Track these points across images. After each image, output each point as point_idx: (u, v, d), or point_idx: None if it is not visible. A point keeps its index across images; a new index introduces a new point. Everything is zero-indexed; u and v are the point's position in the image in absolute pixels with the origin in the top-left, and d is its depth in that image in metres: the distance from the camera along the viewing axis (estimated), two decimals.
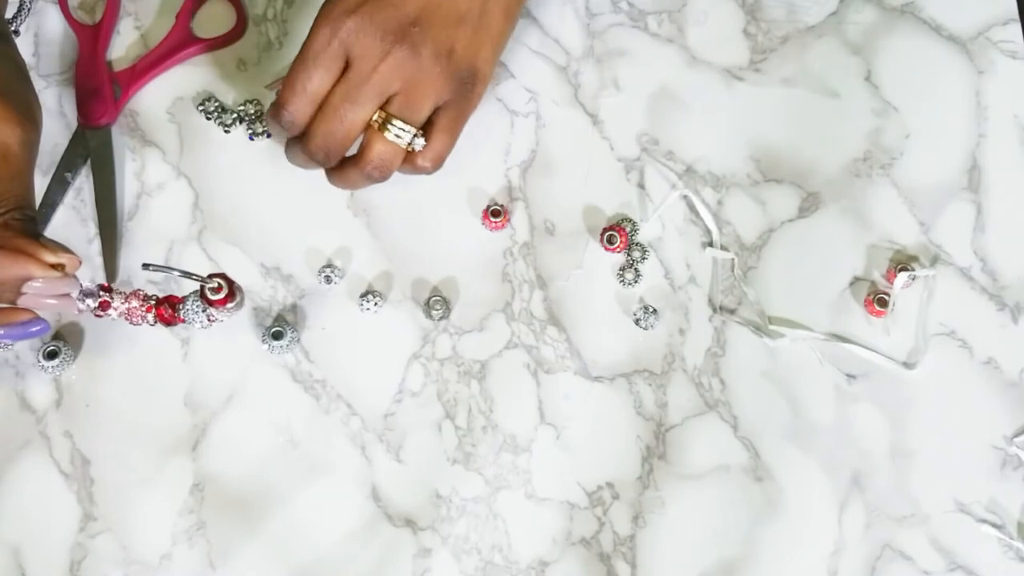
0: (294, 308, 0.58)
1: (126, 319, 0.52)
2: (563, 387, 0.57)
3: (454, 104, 0.56)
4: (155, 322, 0.53)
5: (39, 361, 0.56)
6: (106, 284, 0.52)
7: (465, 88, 0.56)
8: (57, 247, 0.50)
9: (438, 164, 0.57)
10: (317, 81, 0.53)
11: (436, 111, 0.56)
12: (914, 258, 0.59)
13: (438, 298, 0.58)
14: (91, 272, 0.59)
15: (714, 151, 0.61)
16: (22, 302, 0.50)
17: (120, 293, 0.52)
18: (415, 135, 0.55)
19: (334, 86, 0.54)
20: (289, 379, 0.57)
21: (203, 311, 0.53)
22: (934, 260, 0.59)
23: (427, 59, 0.54)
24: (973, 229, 0.59)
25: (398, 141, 0.55)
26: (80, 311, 0.52)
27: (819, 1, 0.64)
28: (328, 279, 0.59)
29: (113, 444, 0.56)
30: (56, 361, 0.56)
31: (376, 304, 0.58)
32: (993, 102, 0.61)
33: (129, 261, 0.59)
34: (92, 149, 0.61)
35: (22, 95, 0.53)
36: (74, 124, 0.61)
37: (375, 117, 0.54)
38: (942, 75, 0.62)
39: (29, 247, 0.49)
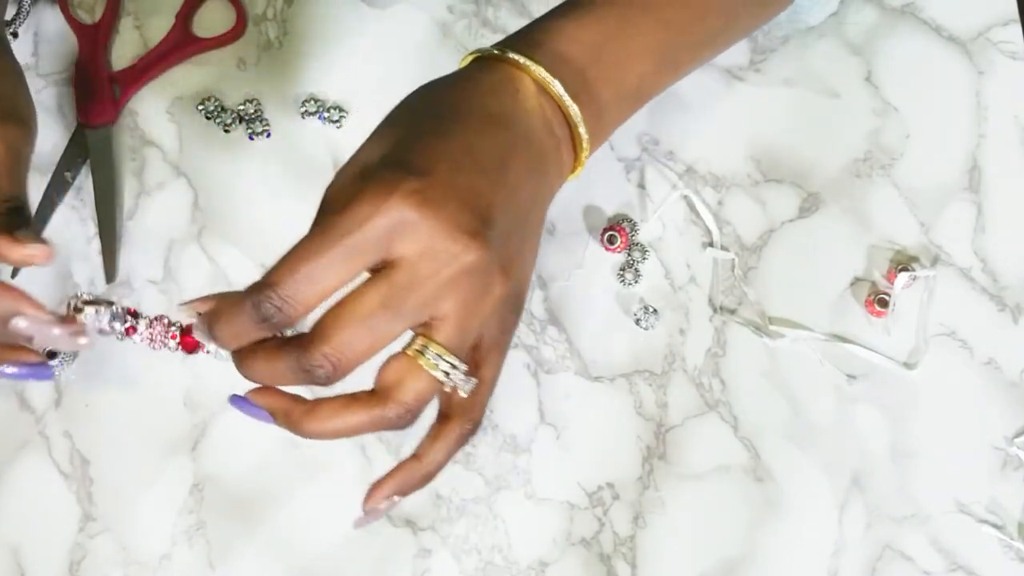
0: None
1: (149, 344, 0.48)
2: (563, 387, 0.57)
3: (497, 336, 0.45)
4: (177, 349, 0.48)
5: None
6: (132, 309, 0.47)
7: (510, 316, 0.45)
8: (27, 238, 0.45)
9: (481, 416, 0.46)
10: (340, 270, 0.40)
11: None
12: (914, 258, 0.59)
13: None
14: (91, 272, 0.59)
15: (714, 151, 0.61)
16: (10, 338, 0.46)
17: (145, 318, 0.47)
18: (465, 374, 0.42)
19: (366, 284, 0.41)
20: None
21: None
22: (934, 260, 0.59)
23: (496, 273, 0.42)
24: (973, 229, 0.59)
25: (443, 380, 0.42)
26: (82, 345, 0.48)
27: (820, 1, 0.64)
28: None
29: (112, 444, 0.56)
30: (55, 361, 0.56)
31: None
32: (993, 102, 0.61)
33: (128, 261, 0.59)
34: (92, 149, 0.61)
35: (9, 96, 0.50)
36: (73, 124, 0.61)
37: (416, 344, 0.41)
38: (942, 76, 0.62)
39: None
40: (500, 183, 0.43)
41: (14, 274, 0.58)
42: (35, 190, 0.60)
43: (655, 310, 0.58)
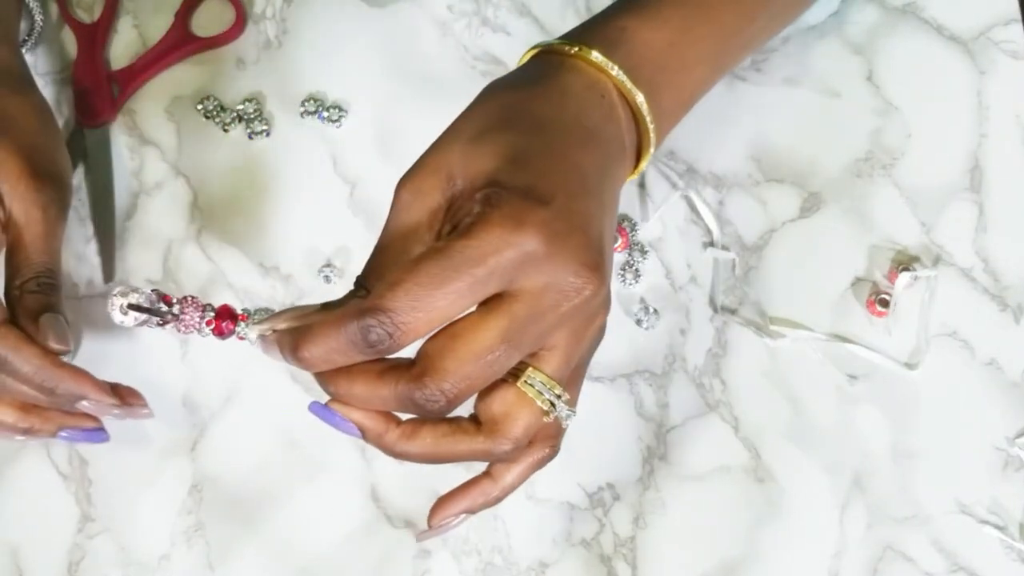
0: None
1: (180, 329, 0.46)
2: None
3: (585, 361, 0.44)
4: (208, 334, 0.46)
5: None
6: (166, 296, 0.45)
7: (597, 342, 0.44)
8: (49, 329, 0.46)
9: (560, 442, 0.45)
10: (460, 300, 0.38)
11: None
12: (916, 258, 0.59)
13: None
14: (88, 272, 0.59)
15: (715, 151, 0.61)
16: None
17: (176, 302, 0.45)
18: (567, 404, 0.42)
19: (484, 316, 0.39)
20: (288, 379, 0.57)
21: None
22: (936, 260, 0.59)
23: (603, 306, 0.42)
24: (975, 229, 0.59)
25: (548, 411, 0.41)
26: (144, 415, 0.50)
27: (821, 0, 0.64)
28: (327, 279, 0.59)
29: (111, 444, 0.56)
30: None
31: None
32: (995, 102, 0.61)
33: (127, 261, 0.59)
34: (90, 148, 0.60)
35: (47, 152, 0.49)
36: (72, 123, 0.61)
37: (526, 376, 0.40)
38: (944, 75, 0.62)
39: (26, 335, 0.45)
40: (605, 206, 0.42)
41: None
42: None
43: (656, 310, 0.58)
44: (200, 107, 0.62)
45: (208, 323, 0.45)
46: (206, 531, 0.55)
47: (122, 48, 0.63)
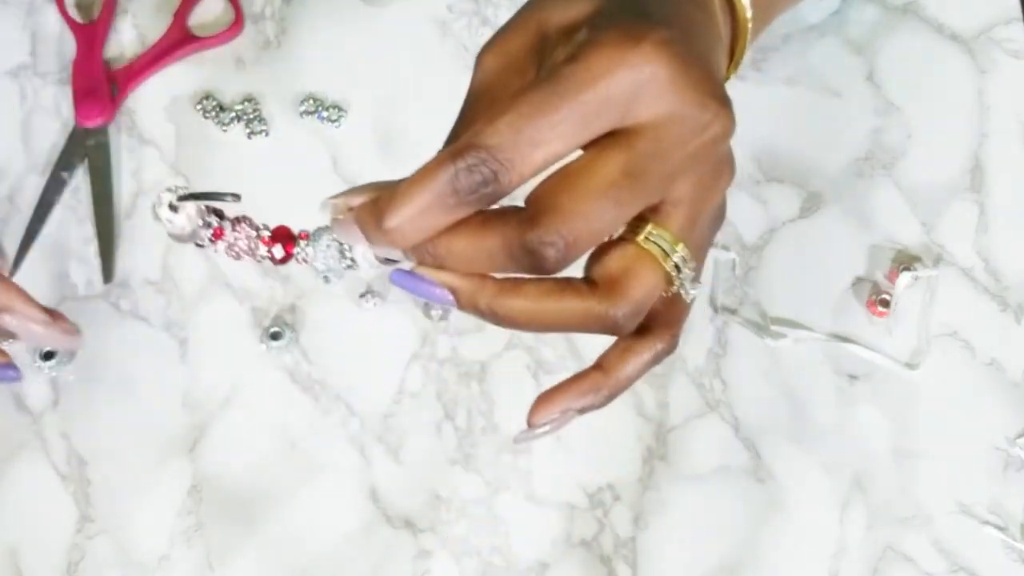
0: (293, 308, 0.58)
1: (230, 253, 0.40)
2: None
3: (708, 238, 0.39)
4: (265, 257, 0.40)
5: (36, 362, 0.56)
6: (218, 209, 0.39)
7: (719, 218, 0.39)
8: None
9: (680, 332, 0.40)
10: (571, 134, 0.33)
11: None
12: (916, 258, 0.59)
13: None
14: (88, 272, 0.58)
15: None
16: None
17: (227, 220, 0.40)
18: (694, 279, 0.37)
19: (601, 151, 0.33)
20: (288, 380, 0.57)
21: (340, 251, 0.39)
22: (936, 260, 0.59)
23: (729, 158, 0.37)
24: (976, 229, 0.59)
25: (673, 276, 0.36)
26: (74, 345, 0.46)
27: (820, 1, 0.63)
28: (327, 279, 0.58)
29: (110, 445, 0.56)
30: (53, 362, 0.56)
31: (375, 304, 0.58)
32: (996, 101, 0.61)
33: (126, 261, 0.59)
34: (89, 148, 0.60)
35: None
36: (71, 123, 0.61)
37: (646, 231, 0.35)
38: (944, 74, 0.62)
39: None
40: (719, 57, 0.37)
41: (16, 263, 0.58)
42: (32, 191, 0.60)
43: None
44: (199, 107, 0.62)
45: (264, 242, 0.39)
46: (206, 531, 0.55)
47: (121, 48, 0.63)
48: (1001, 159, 0.60)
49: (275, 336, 0.56)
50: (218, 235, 0.39)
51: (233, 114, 0.61)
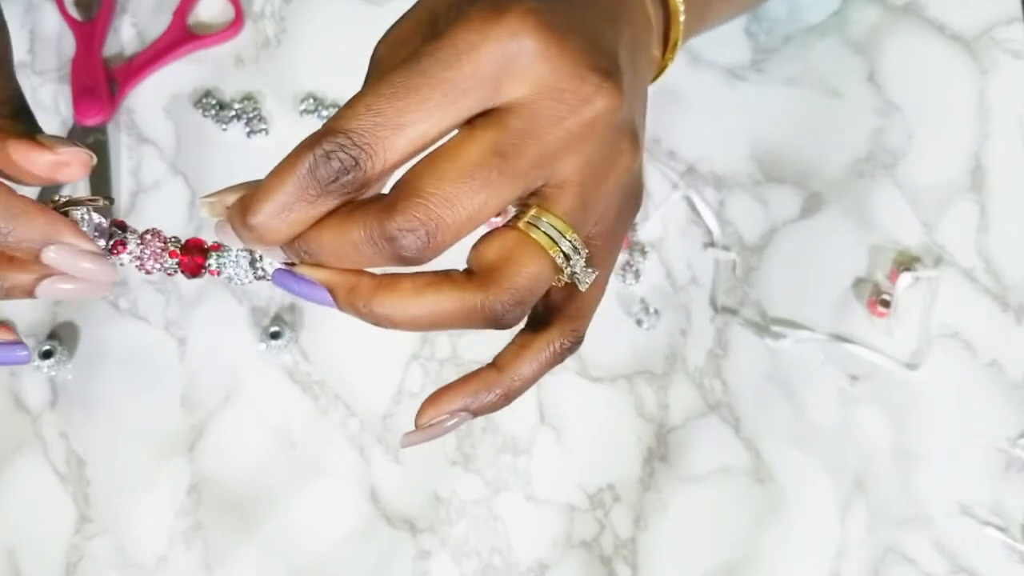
0: (292, 308, 0.58)
1: (138, 267, 0.37)
2: (563, 388, 0.57)
3: (613, 226, 0.36)
4: (176, 271, 0.38)
5: (34, 361, 0.56)
6: (120, 220, 0.37)
7: (631, 203, 0.37)
8: (57, 141, 0.35)
9: (585, 328, 0.37)
10: (437, 114, 0.31)
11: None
12: (917, 259, 0.58)
13: None
14: None
15: (716, 151, 0.61)
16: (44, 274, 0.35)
17: (135, 232, 0.37)
18: (585, 259, 0.34)
19: (470, 130, 0.31)
20: (287, 380, 0.57)
21: (250, 262, 0.37)
22: (937, 261, 0.58)
23: (627, 135, 0.34)
24: (977, 230, 0.59)
25: (561, 263, 0.33)
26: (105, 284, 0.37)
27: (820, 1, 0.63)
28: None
29: (109, 445, 0.55)
30: (51, 361, 0.56)
31: None
32: (997, 102, 0.61)
33: None
34: (88, 147, 0.60)
35: None
36: (70, 122, 0.61)
37: (529, 215, 0.33)
38: (945, 75, 0.61)
39: (22, 146, 0.34)
40: (619, 34, 0.34)
41: None
42: (31, 190, 0.59)
43: (656, 310, 0.58)
44: (199, 106, 0.61)
45: (172, 255, 0.37)
46: (204, 532, 0.54)
47: (120, 46, 0.63)
48: (1002, 159, 0.60)
49: (274, 336, 0.56)
50: (119, 247, 0.37)
51: (233, 113, 0.61)
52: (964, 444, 0.56)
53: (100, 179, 0.60)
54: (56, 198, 0.36)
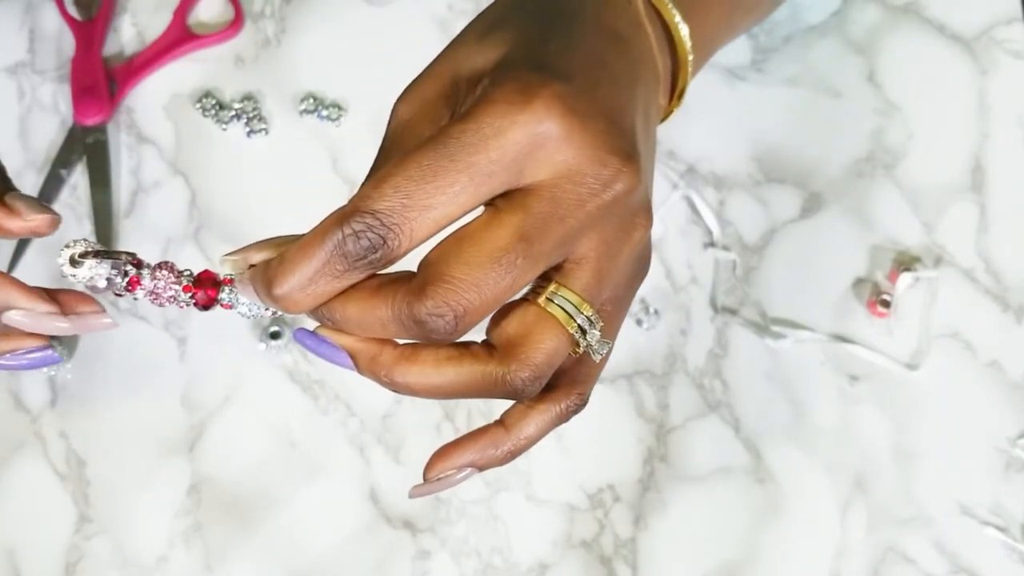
0: None
1: (152, 300, 0.38)
2: None
3: (623, 294, 0.37)
4: (188, 304, 0.38)
5: None
6: (135, 257, 0.38)
7: (641, 270, 0.38)
8: (25, 205, 0.36)
9: (590, 391, 0.39)
10: (462, 195, 0.31)
11: None
12: (917, 259, 0.58)
13: None
14: None
15: (716, 151, 0.60)
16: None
17: (148, 267, 0.38)
18: (600, 332, 0.35)
19: (493, 214, 0.32)
20: (287, 379, 0.57)
21: None
22: (937, 261, 0.58)
23: (641, 212, 0.35)
24: (977, 230, 0.59)
25: (577, 337, 0.34)
26: (106, 325, 0.40)
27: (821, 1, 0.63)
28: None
29: (109, 445, 0.55)
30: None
31: None
32: (997, 102, 0.61)
33: None
34: (88, 146, 0.60)
35: None
36: (69, 121, 0.61)
37: (548, 292, 0.34)
38: (945, 75, 0.61)
39: None
40: (635, 103, 0.35)
41: (12, 263, 0.58)
42: (30, 188, 0.59)
43: (656, 310, 0.58)
44: (198, 105, 0.61)
45: (186, 289, 0.38)
46: (204, 532, 0.54)
47: (120, 46, 0.63)
48: (1002, 159, 0.60)
49: (274, 335, 0.56)
50: (134, 284, 0.37)
51: (233, 112, 0.61)
52: (964, 444, 0.56)
53: (100, 179, 0.60)
54: (74, 243, 0.37)
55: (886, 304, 0.57)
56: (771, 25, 0.63)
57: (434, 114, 0.35)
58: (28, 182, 0.59)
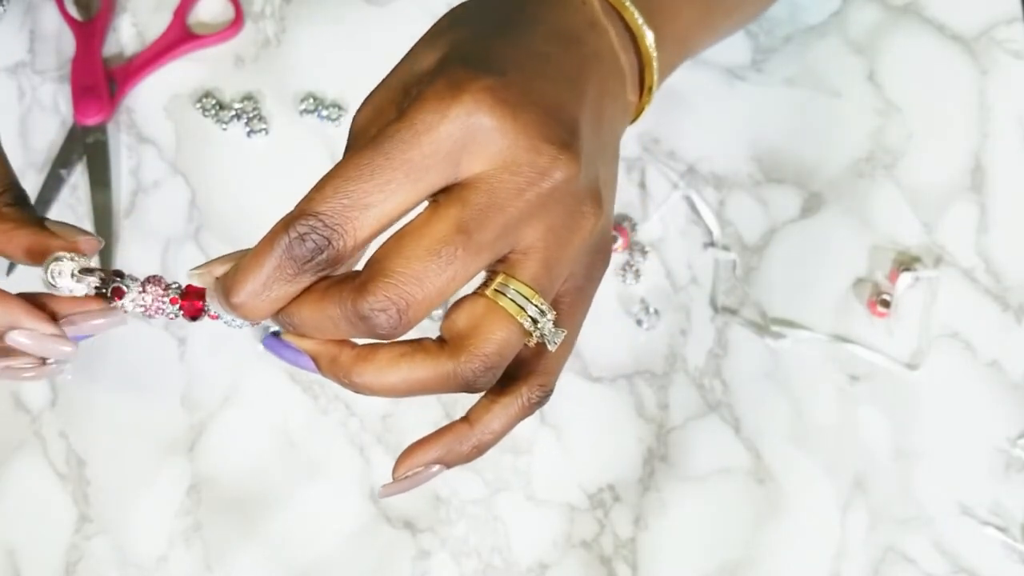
0: None
1: (143, 312, 0.39)
2: (564, 388, 0.56)
3: (582, 284, 0.38)
4: (178, 314, 0.39)
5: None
6: (117, 270, 0.39)
7: (599, 260, 0.38)
8: (69, 229, 0.38)
9: (554, 383, 0.39)
10: (400, 193, 0.32)
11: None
12: (917, 259, 0.58)
13: None
14: None
15: (716, 151, 0.60)
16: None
17: (136, 280, 0.38)
18: (552, 321, 0.35)
19: (433, 208, 0.33)
20: (287, 379, 0.57)
21: None
22: (937, 261, 0.58)
23: (588, 200, 0.35)
24: (976, 230, 0.59)
25: (529, 327, 0.34)
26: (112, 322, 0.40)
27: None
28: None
29: (109, 445, 0.55)
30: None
31: None
32: (997, 102, 0.61)
33: (125, 259, 0.58)
34: (88, 146, 0.60)
35: None
36: (69, 121, 0.61)
37: (496, 283, 0.34)
38: (945, 75, 0.61)
39: (37, 237, 0.37)
40: (582, 98, 0.36)
41: (9, 270, 0.58)
42: (31, 188, 0.59)
43: (656, 310, 0.58)
44: (198, 105, 0.61)
45: (173, 301, 0.38)
46: (204, 532, 0.54)
47: (120, 46, 0.63)
48: (1002, 159, 0.60)
49: (274, 335, 0.56)
50: (119, 295, 0.38)
51: (233, 112, 0.61)
52: (964, 444, 0.56)
53: (100, 179, 0.60)
54: (73, 257, 0.38)
55: (886, 304, 0.57)
56: (771, 25, 0.63)
57: (384, 120, 0.35)
58: (28, 182, 0.60)
